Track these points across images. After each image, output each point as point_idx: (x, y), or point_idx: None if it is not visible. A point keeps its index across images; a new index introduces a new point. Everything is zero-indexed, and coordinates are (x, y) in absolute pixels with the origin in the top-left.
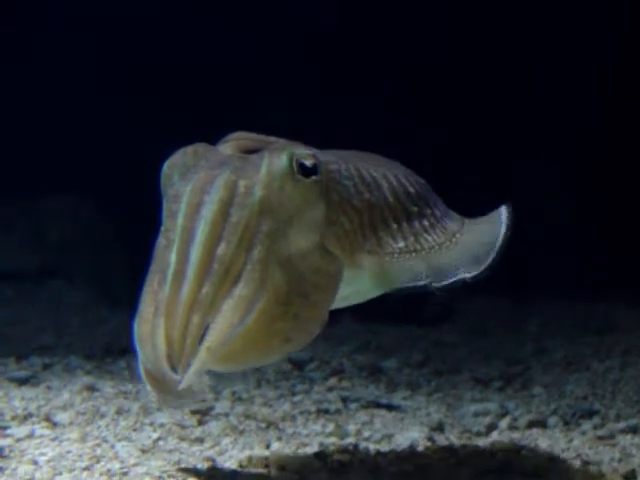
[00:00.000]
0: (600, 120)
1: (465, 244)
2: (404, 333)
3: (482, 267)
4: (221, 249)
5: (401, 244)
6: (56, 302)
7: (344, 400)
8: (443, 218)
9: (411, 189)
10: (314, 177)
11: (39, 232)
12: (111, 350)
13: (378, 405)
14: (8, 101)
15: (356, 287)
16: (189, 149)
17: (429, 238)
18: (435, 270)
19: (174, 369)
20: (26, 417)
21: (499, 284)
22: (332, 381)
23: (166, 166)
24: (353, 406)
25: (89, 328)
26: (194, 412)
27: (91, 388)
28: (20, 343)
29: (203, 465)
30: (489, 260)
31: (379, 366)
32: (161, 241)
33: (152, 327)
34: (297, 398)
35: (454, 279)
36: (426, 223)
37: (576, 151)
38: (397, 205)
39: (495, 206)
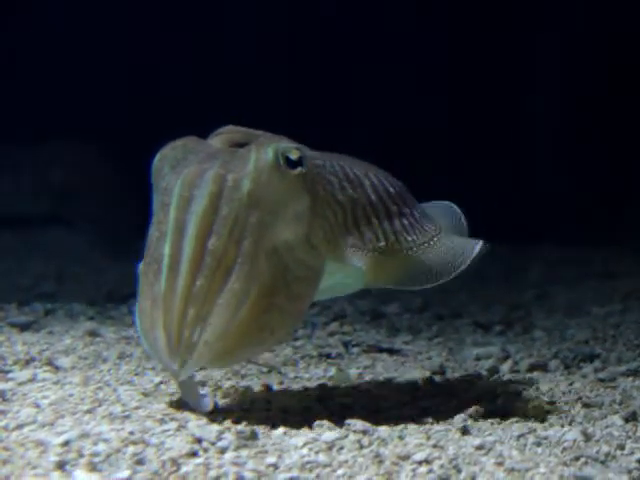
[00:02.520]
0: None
1: (439, 251)
2: None
3: (443, 279)
4: (212, 242)
5: (382, 243)
6: (58, 249)
7: (345, 344)
8: (421, 219)
9: (391, 189)
10: (300, 169)
11: (42, 178)
12: (113, 296)
13: (379, 349)
14: (11, 47)
15: (336, 280)
16: (178, 142)
17: (409, 238)
18: (411, 272)
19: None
20: (28, 361)
21: (499, 231)
22: (334, 326)
23: (157, 159)
24: (355, 350)
25: (91, 274)
26: None
27: (93, 333)
28: (22, 289)
29: None
30: (450, 277)
31: (380, 311)
32: (154, 233)
33: (151, 321)
34: (299, 343)
35: (426, 285)
36: (406, 222)
37: (576, 98)
38: (379, 203)
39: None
